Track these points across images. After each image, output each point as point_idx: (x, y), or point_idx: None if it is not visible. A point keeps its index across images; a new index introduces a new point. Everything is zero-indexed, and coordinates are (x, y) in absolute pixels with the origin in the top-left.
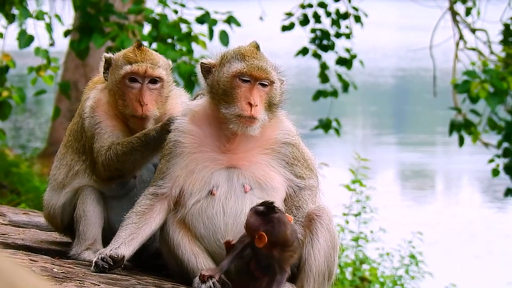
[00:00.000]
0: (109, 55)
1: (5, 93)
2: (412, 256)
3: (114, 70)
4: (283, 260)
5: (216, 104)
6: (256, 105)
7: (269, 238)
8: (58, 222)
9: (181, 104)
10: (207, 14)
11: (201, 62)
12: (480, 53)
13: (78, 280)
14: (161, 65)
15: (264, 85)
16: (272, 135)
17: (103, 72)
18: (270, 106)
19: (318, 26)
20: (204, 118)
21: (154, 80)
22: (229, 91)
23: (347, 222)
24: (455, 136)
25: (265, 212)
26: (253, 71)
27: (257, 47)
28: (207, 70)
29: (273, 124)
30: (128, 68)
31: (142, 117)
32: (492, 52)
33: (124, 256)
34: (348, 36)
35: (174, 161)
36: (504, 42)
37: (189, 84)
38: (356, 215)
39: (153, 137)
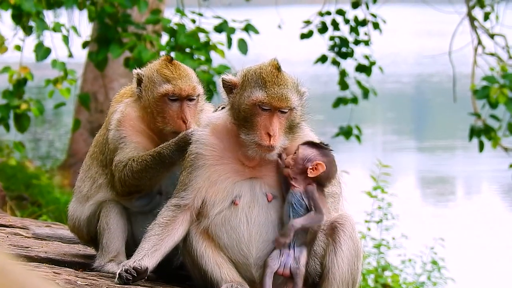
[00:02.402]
0: (140, 71)
1: (23, 106)
2: (434, 262)
3: (151, 87)
4: (321, 201)
5: (236, 128)
6: (275, 135)
7: (325, 169)
8: (84, 235)
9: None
10: (225, 22)
11: (223, 78)
12: (499, 58)
13: None
14: (197, 81)
15: (284, 112)
16: (293, 144)
17: (135, 88)
18: (291, 128)
19: (336, 33)
20: (224, 131)
21: (192, 98)
22: (249, 118)
23: (368, 229)
24: (475, 141)
25: (321, 146)
26: (273, 102)
27: (278, 67)
28: (228, 87)
29: (295, 134)
30: (169, 87)
31: None
32: (511, 57)
33: (147, 268)
34: (367, 43)
35: (196, 173)
36: None
37: (208, 93)
38: (377, 222)
39: (167, 155)
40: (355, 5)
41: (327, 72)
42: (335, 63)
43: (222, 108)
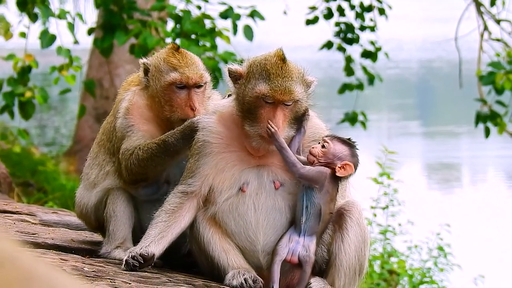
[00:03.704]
0: (146, 60)
1: (28, 94)
2: (440, 248)
3: (158, 76)
4: (330, 186)
5: (241, 119)
6: (279, 128)
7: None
8: (92, 221)
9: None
10: (230, 9)
11: (229, 68)
12: (505, 44)
13: (109, 278)
14: (204, 69)
15: (288, 104)
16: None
17: (142, 78)
18: (296, 119)
19: (342, 19)
20: (230, 120)
21: (200, 85)
22: (253, 110)
23: (374, 215)
24: (481, 127)
25: (349, 144)
26: (276, 95)
27: (283, 58)
28: (234, 76)
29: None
30: (176, 76)
31: None
32: None
33: (154, 254)
34: (372, 28)
35: (203, 160)
36: None
37: (213, 80)
38: (383, 208)
39: (171, 143)
40: None
41: (326, 58)
42: (341, 49)
43: (230, 95)
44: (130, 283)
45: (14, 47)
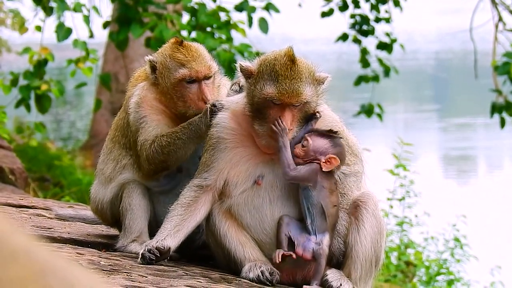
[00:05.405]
0: (152, 58)
1: (44, 87)
2: (457, 239)
3: (167, 74)
4: (325, 179)
5: (251, 118)
6: (287, 127)
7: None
8: (108, 217)
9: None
10: (245, 1)
11: (240, 65)
12: None
13: (125, 272)
14: (210, 59)
15: (297, 105)
16: (318, 126)
17: (150, 74)
18: (306, 117)
19: (357, 11)
20: (242, 116)
21: (209, 77)
22: (262, 110)
23: (391, 206)
24: (496, 117)
25: (330, 136)
26: (284, 98)
27: (292, 59)
28: (246, 74)
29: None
30: (185, 71)
31: None
32: None
33: (170, 248)
34: (387, 20)
35: (218, 155)
36: None
37: (230, 71)
38: (400, 200)
39: (197, 124)
40: None
41: (335, 50)
42: (356, 41)
43: (237, 84)
44: (146, 277)
45: (28, 41)
